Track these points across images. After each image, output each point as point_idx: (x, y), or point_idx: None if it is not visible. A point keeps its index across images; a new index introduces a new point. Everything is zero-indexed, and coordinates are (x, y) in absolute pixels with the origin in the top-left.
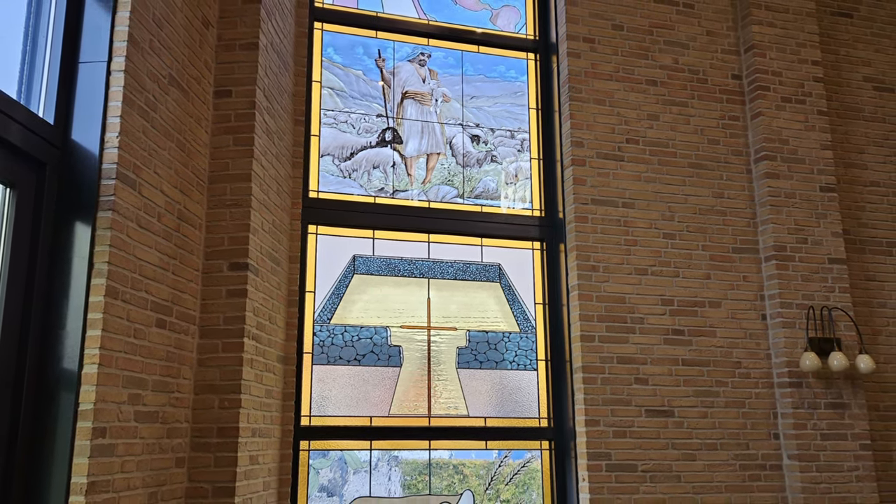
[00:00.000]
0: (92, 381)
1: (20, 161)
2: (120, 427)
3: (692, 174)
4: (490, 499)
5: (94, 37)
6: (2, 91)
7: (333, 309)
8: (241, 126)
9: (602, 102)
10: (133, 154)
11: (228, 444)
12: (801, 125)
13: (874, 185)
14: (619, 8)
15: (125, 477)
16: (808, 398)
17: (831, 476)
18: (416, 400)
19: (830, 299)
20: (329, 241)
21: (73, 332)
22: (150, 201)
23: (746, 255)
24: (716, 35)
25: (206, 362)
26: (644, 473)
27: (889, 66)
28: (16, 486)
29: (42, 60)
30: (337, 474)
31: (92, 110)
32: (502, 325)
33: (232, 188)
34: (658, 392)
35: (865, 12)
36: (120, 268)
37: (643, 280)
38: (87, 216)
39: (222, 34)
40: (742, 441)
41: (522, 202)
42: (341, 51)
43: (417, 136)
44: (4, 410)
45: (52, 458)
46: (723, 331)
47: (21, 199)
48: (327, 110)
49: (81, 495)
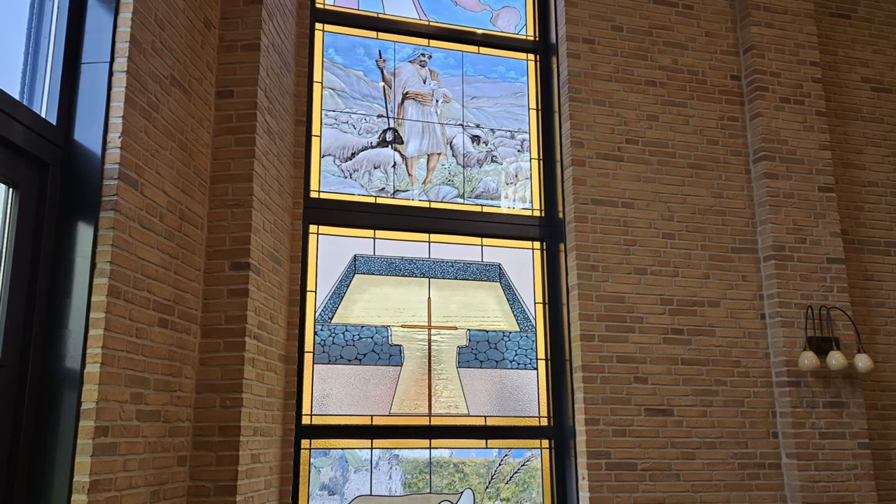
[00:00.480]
0: (94, 380)
1: (23, 161)
2: (122, 426)
3: (691, 174)
4: (490, 497)
5: (97, 38)
6: (5, 92)
7: (334, 308)
8: (242, 126)
9: (602, 103)
10: (135, 154)
11: (230, 443)
12: (799, 125)
13: (872, 185)
14: (619, 9)
15: (127, 475)
16: (807, 397)
17: (830, 475)
18: (417, 399)
19: (829, 299)
20: (330, 241)
21: (75, 331)
22: (152, 201)
23: (745, 255)
24: (715, 36)
25: (208, 361)
26: (643, 472)
27: (887, 67)
28: (19, 484)
29: (45, 61)
30: (338, 473)
31: (94, 111)
32: (502, 324)
33: (234, 188)
34: (657, 391)
35: (863, 13)
36: (122, 267)
37: (643, 279)
38: (90, 216)
39: (224, 35)
40: (741, 440)
41: (522, 202)
42: (342, 52)
43: (418, 137)
44: (8, 409)
45: (54, 457)
46: (722, 330)
47: (24, 199)
48: (328, 111)
49: (84, 493)
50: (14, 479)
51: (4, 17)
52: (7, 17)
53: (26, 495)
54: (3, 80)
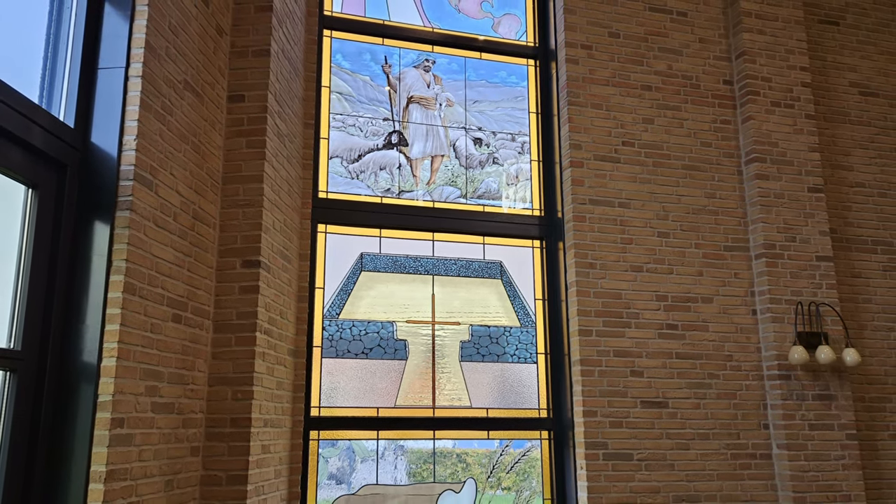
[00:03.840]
0: (111, 374)
1: (42, 163)
2: (137, 417)
3: (685, 175)
4: (492, 486)
5: (113, 44)
6: (24, 96)
7: (342, 304)
8: (253, 129)
9: (599, 107)
10: (150, 156)
11: (241, 434)
12: (789, 128)
13: (860, 186)
14: (616, 16)
15: (142, 465)
16: (797, 390)
17: (819, 465)
18: (421, 392)
19: (818, 295)
20: (337, 240)
21: (92, 326)
22: (166, 201)
23: (737, 253)
24: (708, 42)
25: (220, 355)
26: (639, 462)
27: (874, 72)
28: (38, 473)
29: (63, 66)
30: (345, 463)
31: (110, 114)
32: (503, 319)
33: (245, 189)
34: (653, 384)
35: (851, 20)
36: (137, 265)
37: (638, 277)
38: (106, 216)
39: (235, 41)
40: (733, 431)
41: (523, 202)
42: (349, 57)
43: (422, 139)
44: (28, 401)
45: (72, 447)
46: (715, 325)
47: (43, 200)
48: (336, 114)
49: (101, 483)
50: (34, 469)
51: (24, 24)
52: (27, 24)
53: (45, 484)
54: (23, 85)
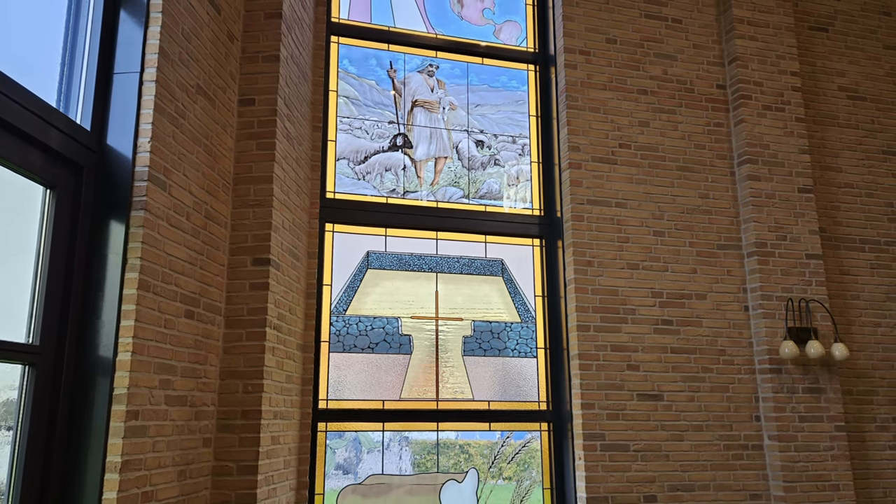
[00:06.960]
0: (126, 368)
1: (59, 164)
2: (151, 410)
3: (680, 176)
4: (493, 476)
5: (128, 49)
6: (43, 99)
7: (349, 301)
8: (263, 132)
9: (597, 110)
10: (163, 158)
11: (251, 426)
12: (780, 131)
13: (848, 187)
14: (613, 23)
15: (156, 456)
16: (787, 383)
17: (808, 455)
18: (425, 385)
19: (808, 292)
20: (344, 239)
21: (108, 322)
22: (179, 201)
23: (730, 251)
24: (702, 48)
25: (231, 350)
26: (636, 453)
27: (862, 77)
28: (55, 464)
29: (80, 71)
30: (352, 454)
31: (126, 117)
32: (505, 315)
33: (255, 189)
34: (648, 378)
35: (840, 27)
36: (151, 263)
37: (635, 274)
38: (121, 215)
39: (246, 47)
40: (726, 423)
41: (523, 202)
42: (356, 62)
43: (426, 142)
44: (45, 395)
45: (89, 439)
46: (708, 321)
47: (60, 200)
48: (343, 117)
49: (116, 473)
50: (51, 460)
51: (43, 31)
52: (45, 31)
53: (63, 474)
54: (41, 89)
